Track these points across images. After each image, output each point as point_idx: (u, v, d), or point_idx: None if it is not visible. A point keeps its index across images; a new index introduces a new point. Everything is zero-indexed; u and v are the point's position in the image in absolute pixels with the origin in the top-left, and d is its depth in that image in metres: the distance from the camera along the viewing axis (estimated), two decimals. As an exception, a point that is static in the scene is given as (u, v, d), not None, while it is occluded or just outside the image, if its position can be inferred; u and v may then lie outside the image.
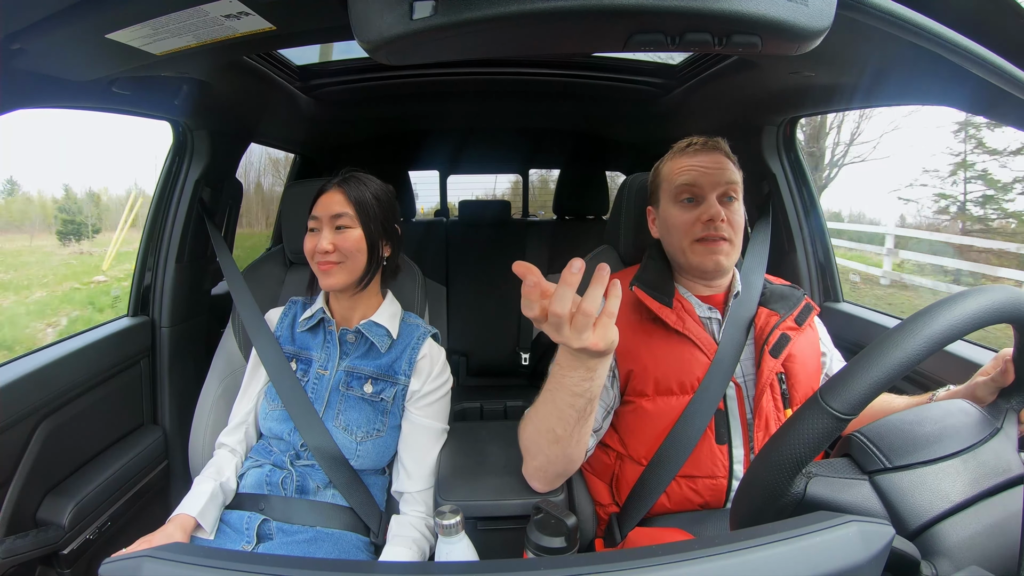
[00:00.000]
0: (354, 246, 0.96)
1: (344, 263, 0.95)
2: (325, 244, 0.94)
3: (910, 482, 0.47)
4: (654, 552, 0.36)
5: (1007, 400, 0.58)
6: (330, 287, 0.96)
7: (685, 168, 0.90)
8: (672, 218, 0.91)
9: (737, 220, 0.88)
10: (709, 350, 0.87)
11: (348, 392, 0.96)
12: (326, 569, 0.38)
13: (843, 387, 0.45)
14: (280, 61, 1.30)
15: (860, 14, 0.42)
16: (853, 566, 0.35)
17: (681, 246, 0.90)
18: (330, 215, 0.95)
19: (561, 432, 0.72)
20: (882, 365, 0.45)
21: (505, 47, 0.51)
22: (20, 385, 0.92)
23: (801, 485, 0.47)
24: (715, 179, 0.87)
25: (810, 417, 0.46)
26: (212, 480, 0.92)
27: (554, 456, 0.76)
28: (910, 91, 0.89)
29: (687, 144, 0.93)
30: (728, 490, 0.86)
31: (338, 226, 0.96)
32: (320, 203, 0.97)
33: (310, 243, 0.96)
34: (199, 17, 0.60)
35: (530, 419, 0.78)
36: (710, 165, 0.88)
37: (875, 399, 0.45)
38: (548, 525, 0.66)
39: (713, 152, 0.90)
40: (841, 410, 0.45)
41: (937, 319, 0.46)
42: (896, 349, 0.45)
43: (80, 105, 0.91)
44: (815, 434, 0.45)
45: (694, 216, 0.88)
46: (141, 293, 1.29)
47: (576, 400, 0.68)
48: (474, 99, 1.74)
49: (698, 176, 0.88)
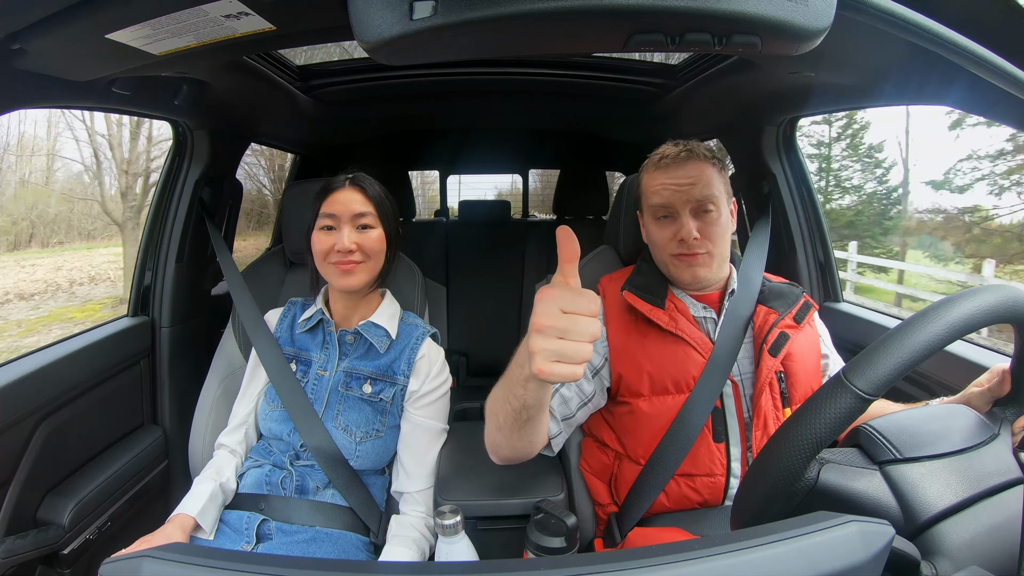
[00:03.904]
0: (377, 245, 0.96)
1: (366, 263, 0.95)
2: (348, 243, 0.92)
3: (920, 474, 0.47)
4: (654, 552, 0.36)
5: (1003, 410, 0.58)
6: (350, 287, 0.95)
7: (658, 186, 0.90)
8: (651, 233, 0.93)
9: (715, 231, 0.88)
10: (704, 349, 0.87)
11: (347, 392, 0.96)
12: (326, 569, 0.38)
13: (868, 366, 0.45)
14: (280, 61, 1.30)
15: (860, 14, 0.42)
16: (853, 566, 0.35)
17: (662, 259, 0.92)
18: (352, 214, 0.94)
19: (502, 421, 0.68)
20: (907, 346, 0.45)
21: (505, 47, 0.50)
22: (20, 385, 0.92)
23: (814, 471, 0.47)
24: (686, 196, 0.87)
25: (833, 396, 0.45)
26: (212, 480, 0.92)
27: (499, 440, 0.73)
28: (910, 91, 0.89)
29: (660, 157, 0.92)
30: (726, 488, 0.86)
31: (361, 225, 0.95)
32: (335, 201, 0.95)
33: (326, 242, 0.94)
34: (199, 17, 0.60)
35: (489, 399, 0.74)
36: (682, 181, 0.88)
37: (872, 404, 0.45)
38: (548, 525, 0.66)
39: (687, 164, 0.89)
40: (865, 389, 0.44)
41: (959, 307, 0.46)
42: (921, 332, 0.45)
43: (80, 105, 0.91)
44: (838, 413, 0.44)
45: (669, 233, 0.89)
46: (141, 293, 1.28)
47: (511, 399, 0.64)
48: (474, 99, 1.74)
49: (670, 195, 0.88)
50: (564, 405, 0.86)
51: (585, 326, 0.50)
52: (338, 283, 0.94)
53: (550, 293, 0.52)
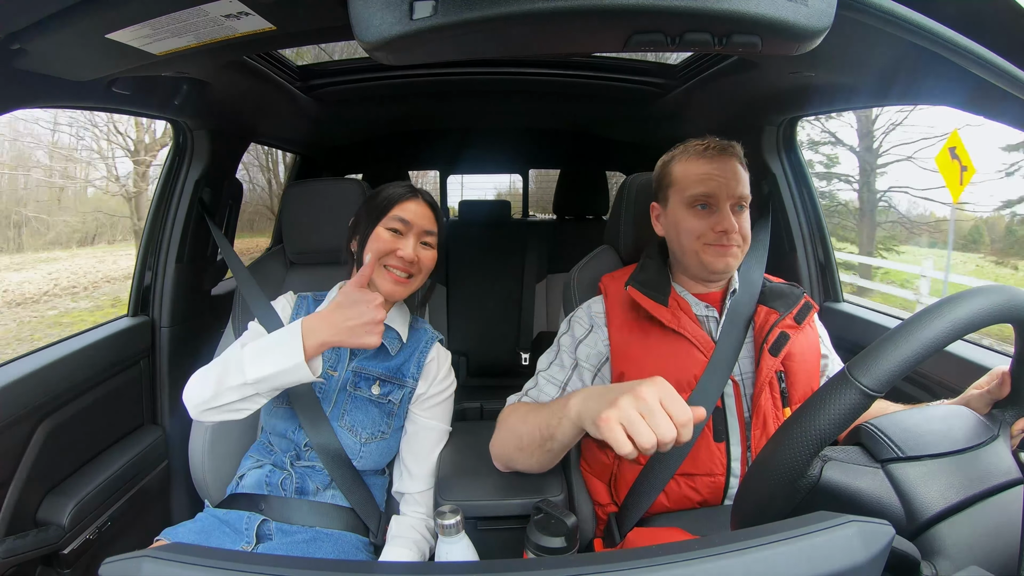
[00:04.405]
0: (430, 265, 0.96)
1: (415, 277, 0.95)
2: (412, 252, 0.92)
3: (923, 473, 0.47)
4: (654, 552, 0.36)
5: (1002, 412, 0.58)
6: (396, 297, 0.95)
7: (702, 175, 0.88)
8: (683, 221, 0.90)
9: (747, 229, 0.89)
10: (706, 348, 0.87)
11: (356, 393, 0.96)
12: (326, 569, 0.38)
13: (873, 362, 0.45)
14: (280, 61, 1.30)
15: (860, 14, 0.42)
16: (853, 566, 0.35)
17: (692, 248, 0.89)
18: (422, 228, 0.94)
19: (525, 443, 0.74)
20: (912, 343, 0.44)
21: (505, 47, 0.50)
22: (20, 385, 0.92)
23: (817, 468, 0.47)
24: (731, 190, 0.87)
25: (838, 391, 0.45)
26: None
27: (515, 457, 0.79)
28: (910, 91, 0.89)
29: (705, 147, 0.90)
30: (726, 488, 0.86)
31: (424, 241, 0.95)
32: (410, 209, 0.94)
33: (391, 243, 0.92)
34: (199, 17, 0.60)
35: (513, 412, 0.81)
36: (727, 175, 0.88)
37: (872, 404, 0.45)
38: (548, 525, 0.66)
39: (730, 159, 0.89)
40: (870, 386, 0.44)
41: (964, 305, 0.46)
42: (925, 329, 0.45)
43: (80, 105, 0.91)
44: (842, 409, 0.44)
45: (707, 224, 0.87)
46: (141, 293, 1.28)
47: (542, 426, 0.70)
48: (474, 99, 1.74)
49: (716, 187, 0.87)
50: None
51: (666, 428, 0.55)
52: (386, 288, 0.93)
53: (667, 387, 0.58)
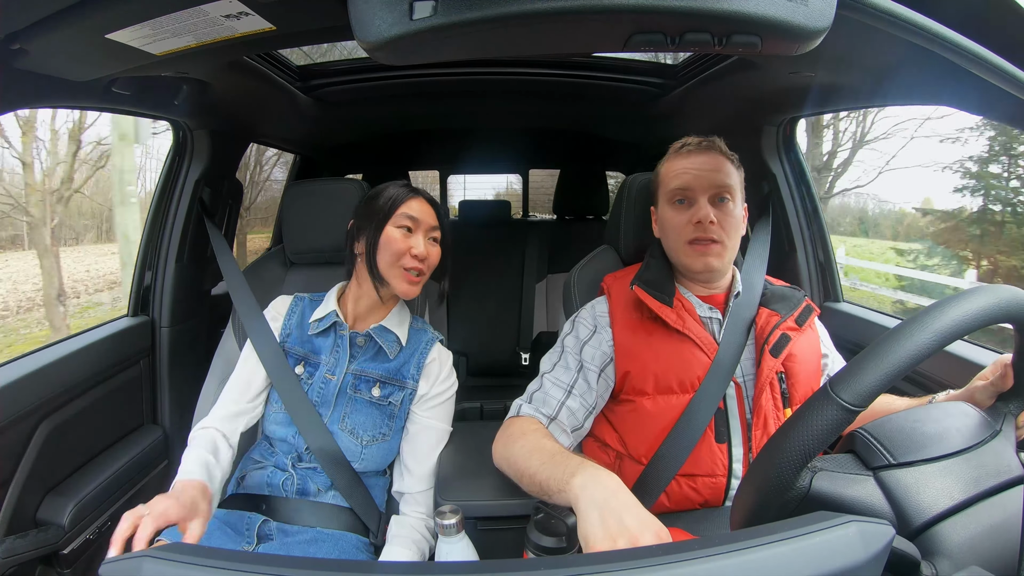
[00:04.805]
0: (435, 262, 0.98)
1: (425, 274, 0.96)
2: (423, 249, 0.93)
3: (914, 479, 0.47)
4: (654, 552, 0.36)
5: (1006, 404, 0.58)
6: (411, 295, 0.96)
7: (679, 170, 0.90)
8: (667, 219, 0.92)
9: (730, 221, 0.88)
10: (710, 350, 0.87)
11: (356, 395, 0.96)
12: (326, 569, 0.38)
13: (853, 378, 0.45)
14: (280, 61, 1.30)
15: (860, 14, 0.42)
16: (853, 566, 0.35)
17: (676, 247, 0.91)
18: (429, 225, 0.96)
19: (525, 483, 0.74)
20: (893, 357, 0.44)
21: (505, 47, 0.50)
22: (20, 385, 0.92)
23: (806, 479, 0.47)
24: (707, 181, 0.88)
25: (820, 408, 0.45)
26: (206, 452, 0.87)
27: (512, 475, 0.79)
28: (910, 91, 0.89)
29: (681, 145, 0.93)
30: (727, 489, 0.86)
31: (431, 237, 0.97)
32: (415, 207, 0.95)
33: (403, 242, 0.92)
34: (199, 17, 0.60)
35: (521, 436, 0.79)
36: (703, 167, 0.89)
37: (876, 399, 0.45)
38: (548, 525, 0.66)
39: (707, 152, 0.90)
40: (851, 401, 0.44)
41: (946, 314, 0.46)
42: (907, 341, 0.45)
43: (80, 105, 0.91)
44: (824, 425, 0.44)
45: (686, 218, 0.89)
46: (141, 293, 1.28)
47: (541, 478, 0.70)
48: (474, 99, 1.74)
49: (690, 179, 0.89)
50: (572, 416, 0.86)
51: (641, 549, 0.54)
52: (401, 289, 0.94)
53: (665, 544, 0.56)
